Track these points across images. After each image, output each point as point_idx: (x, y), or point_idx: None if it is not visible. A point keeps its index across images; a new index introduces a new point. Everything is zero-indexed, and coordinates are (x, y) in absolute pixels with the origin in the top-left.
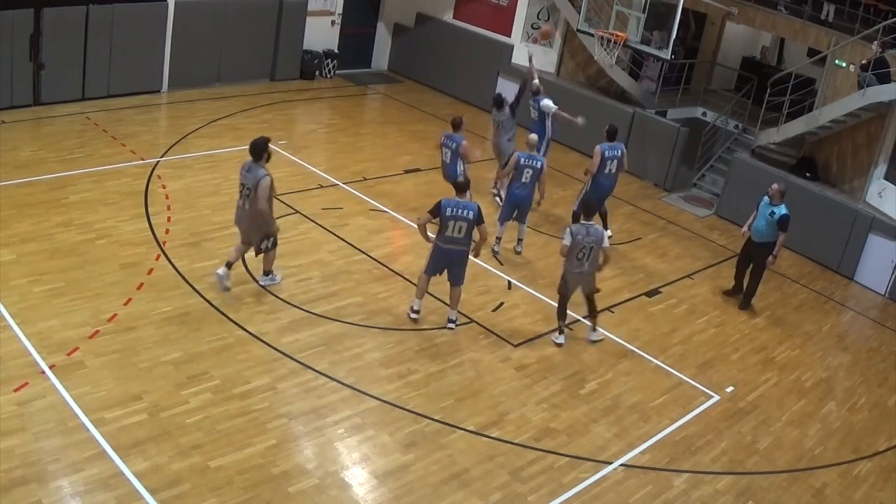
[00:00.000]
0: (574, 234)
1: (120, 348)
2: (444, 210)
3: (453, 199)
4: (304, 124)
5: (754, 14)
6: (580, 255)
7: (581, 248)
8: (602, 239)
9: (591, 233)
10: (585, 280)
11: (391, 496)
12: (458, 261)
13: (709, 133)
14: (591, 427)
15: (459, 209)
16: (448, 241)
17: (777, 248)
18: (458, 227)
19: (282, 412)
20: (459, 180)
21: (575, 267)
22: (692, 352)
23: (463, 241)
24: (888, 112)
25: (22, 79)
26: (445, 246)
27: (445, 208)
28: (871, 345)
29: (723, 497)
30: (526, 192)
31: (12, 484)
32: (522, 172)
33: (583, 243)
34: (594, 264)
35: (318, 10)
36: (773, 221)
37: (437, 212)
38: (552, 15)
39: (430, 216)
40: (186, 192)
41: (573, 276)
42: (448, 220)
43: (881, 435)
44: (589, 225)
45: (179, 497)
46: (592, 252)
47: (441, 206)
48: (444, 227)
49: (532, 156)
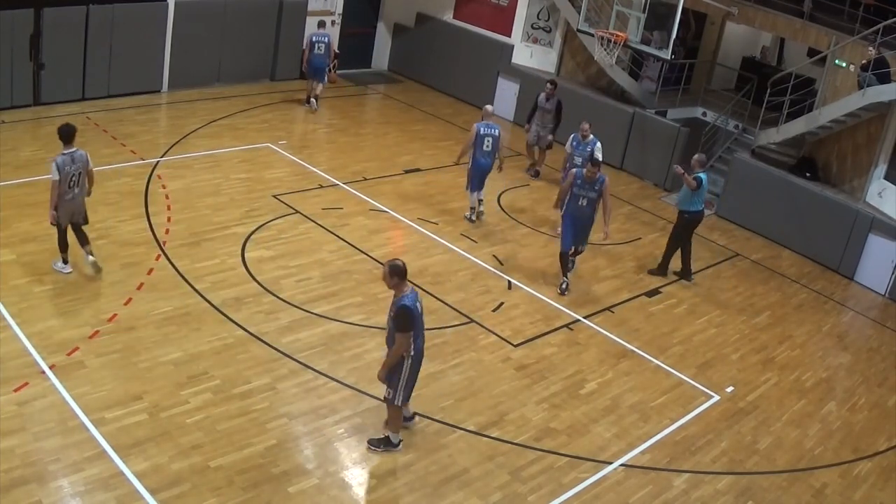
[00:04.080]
0: (61, 165)
1: (120, 348)
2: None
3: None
4: (304, 124)
5: (754, 14)
6: (71, 183)
7: (71, 177)
8: (87, 161)
9: (76, 159)
10: (76, 206)
11: (391, 496)
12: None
13: (709, 133)
14: (591, 427)
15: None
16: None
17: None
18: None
19: (282, 412)
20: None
21: (66, 195)
22: (692, 352)
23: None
24: (888, 112)
25: (22, 79)
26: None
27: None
28: (871, 345)
29: (723, 497)
30: (489, 161)
31: (12, 484)
32: (483, 141)
33: (72, 172)
34: (84, 191)
35: (318, 10)
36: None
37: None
38: (552, 15)
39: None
40: (186, 192)
41: (65, 203)
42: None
43: (881, 435)
44: (72, 152)
45: (179, 497)
46: (81, 178)
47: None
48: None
49: (490, 125)
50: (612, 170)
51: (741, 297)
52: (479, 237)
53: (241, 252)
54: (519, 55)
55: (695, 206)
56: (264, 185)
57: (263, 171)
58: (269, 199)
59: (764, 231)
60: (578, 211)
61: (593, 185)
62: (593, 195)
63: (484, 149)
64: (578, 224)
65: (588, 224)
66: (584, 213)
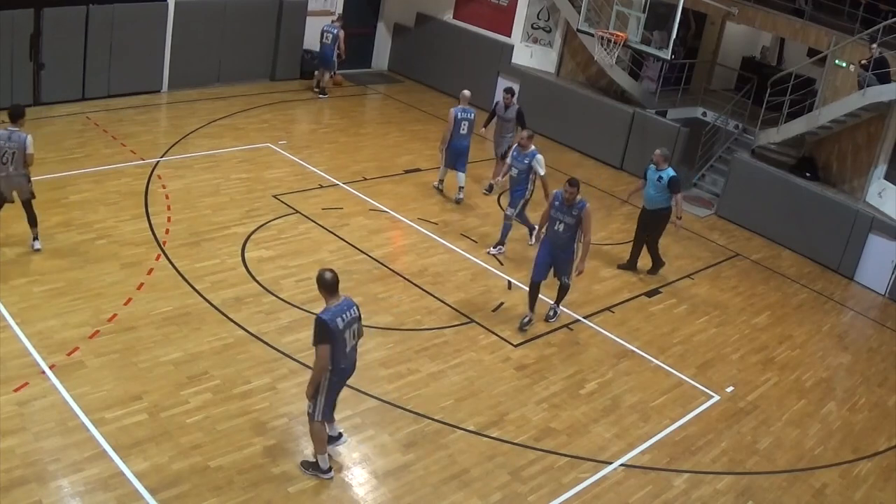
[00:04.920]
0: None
1: (120, 348)
2: None
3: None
4: (304, 124)
5: (754, 14)
6: (4, 160)
7: (4, 153)
8: (25, 144)
9: (13, 139)
10: (13, 184)
11: (391, 496)
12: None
13: (709, 133)
14: (591, 427)
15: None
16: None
17: (677, 210)
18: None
19: (282, 412)
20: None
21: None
22: (692, 352)
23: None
24: (888, 112)
25: (22, 79)
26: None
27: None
28: (871, 345)
29: (723, 497)
30: (465, 142)
31: (12, 484)
32: (460, 125)
33: (4, 148)
34: (19, 171)
35: (318, 10)
36: (662, 186)
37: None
38: (552, 15)
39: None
40: (186, 192)
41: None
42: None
43: (881, 435)
44: (12, 131)
45: (179, 497)
46: (15, 156)
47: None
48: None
49: (466, 109)
50: (612, 170)
51: (741, 297)
52: (479, 237)
53: (241, 252)
54: (519, 55)
55: (667, 203)
56: (264, 185)
57: (263, 171)
58: (269, 199)
59: (764, 231)
60: (554, 237)
61: (571, 208)
62: (571, 220)
63: (461, 132)
64: (555, 252)
65: (566, 254)
66: (561, 239)
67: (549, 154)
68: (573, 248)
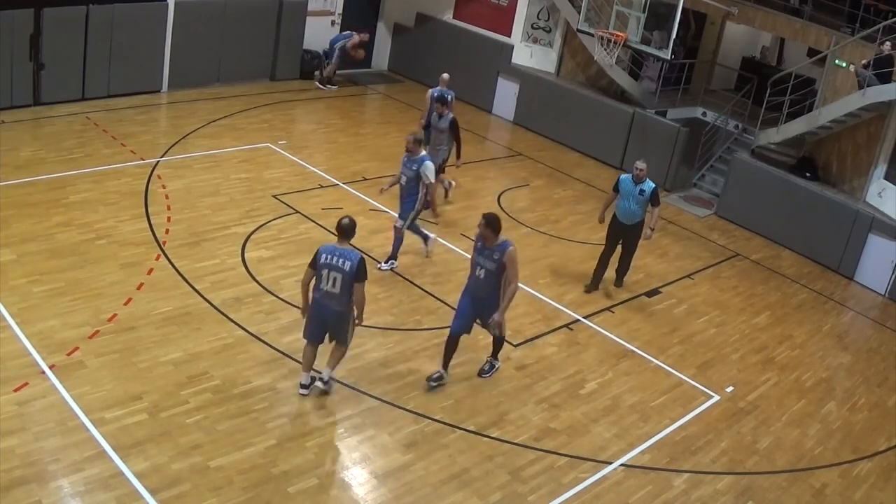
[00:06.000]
0: None
1: (120, 348)
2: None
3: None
4: (304, 124)
5: (754, 14)
6: None
7: None
8: None
9: None
10: None
11: (391, 496)
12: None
13: (709, 133)
14: (591, 427)
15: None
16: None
17: (654, 220)
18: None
19: (282, 412)
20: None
21: None
22: (692, 352)
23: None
24: (888, 112)
25: (22, 79)
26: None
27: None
28: (871, 345)
29: (723, 497)
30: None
31: (12, 484)
32: (436, 106)
33: None
34: None
35: (318, 10)
36: (644, 199)
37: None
38: (552, 15)
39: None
40: (186, 192)
41: None
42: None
43: (881, 435)
44: None
45: (179, 497)
46: None
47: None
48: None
49: (443, 90)
50: (612, 170)
51: (741, 297)
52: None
53: (241, 252)
54: (519, 55)
55: (643, 216)
56: (264, 185)
57: (263, 171)
58: (269, 199)
59: (764, 231)
60: (475, 285)
61: (492, 252)
62: (491, 266)
63: (437, 113)
64: (475, 303)
65: (490, 306)
66: (482, 288)
67: (549, 154)
68: (498, 298)
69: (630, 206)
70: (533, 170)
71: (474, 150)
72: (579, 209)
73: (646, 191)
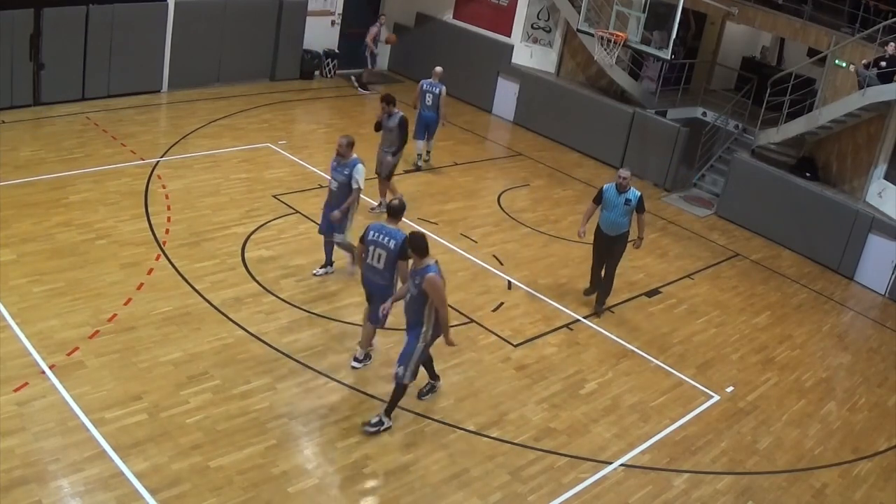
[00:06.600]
0: None
1: (120, 348)
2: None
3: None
4: (304, 124)
5: (754, 14)
6: None
7: None
8: None
9: None
10: None
11: (391, 496)
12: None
13: (709, 133)
14: (591, 427)
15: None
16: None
17: (643, 228)
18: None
19: (282, 412)
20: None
21: None
22: (692, 352)
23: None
24: (888, 112)
25: (22, 79)
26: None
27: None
28: (871, 345)
29: (723, 497)
30: (431, 114)
31: (12, 484)
32: (425, 96)
33: None
34: None
35: (318, 10)
36: (630, 208)
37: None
38: (552, 15)
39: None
40: (186, 192)
41: None
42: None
43: (881, 435)
44: None
45: (179, 497)
46: None
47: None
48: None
49: (433, 83)
50: (612, 170)
51: (741, 297)
52: (479, 237)
53: (241, 252)
54: (519, 55)
55: (629, 225)
56: (264, 185)
57: (263, 171)
58: (269, 199)
59: (764, 231)
60: (405, 310)
61: (414, 276)
62: (415, 291)
63: (426, 103)
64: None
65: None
66: (408, 315)
67: (549, 154)
68: (421, 327)
69: (615, 217)
70: (533, 170)
71: (474, 149)
72: (579, 209)
73: (632, 200)
